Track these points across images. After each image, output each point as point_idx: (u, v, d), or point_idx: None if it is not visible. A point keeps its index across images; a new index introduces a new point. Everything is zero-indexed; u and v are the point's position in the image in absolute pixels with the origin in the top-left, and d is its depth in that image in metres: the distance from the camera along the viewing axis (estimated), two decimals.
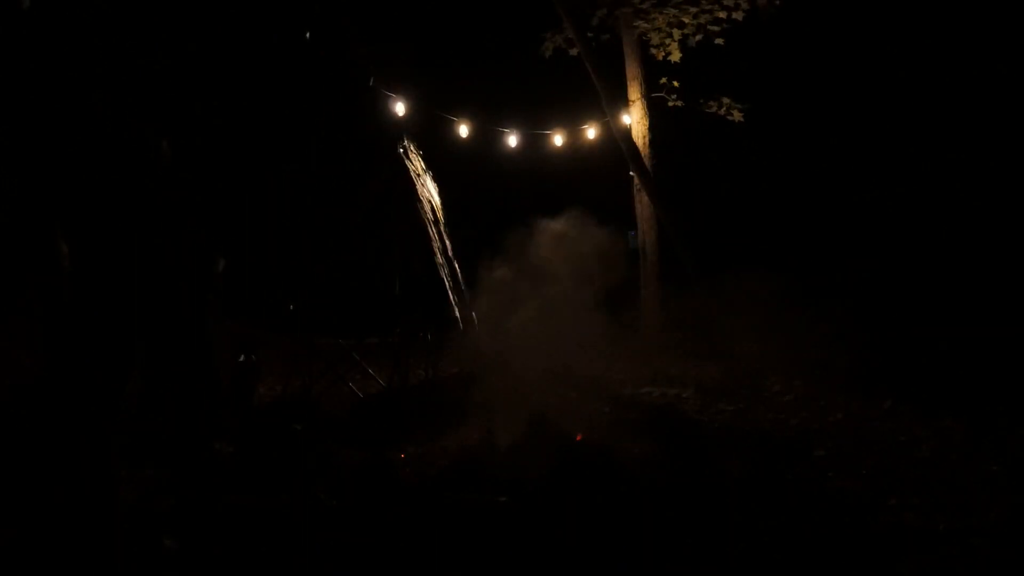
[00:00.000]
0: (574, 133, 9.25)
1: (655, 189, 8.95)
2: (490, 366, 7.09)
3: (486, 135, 8.77)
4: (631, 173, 9.18)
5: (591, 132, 9.22)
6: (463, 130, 8.50)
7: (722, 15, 8.58)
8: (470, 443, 5.18)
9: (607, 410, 6.37)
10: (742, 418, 6.13)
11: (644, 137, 9.18)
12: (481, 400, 6.23)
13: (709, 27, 8.66)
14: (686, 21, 8.64)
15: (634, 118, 9.20)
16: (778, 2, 8.48)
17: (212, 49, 3.28)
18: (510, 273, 7.90)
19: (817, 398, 6.44)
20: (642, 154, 9.11)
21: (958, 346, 6.70)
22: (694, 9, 8.61)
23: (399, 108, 7.49)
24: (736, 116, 8.99)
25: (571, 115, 9.27)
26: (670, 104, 9.08)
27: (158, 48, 3.15)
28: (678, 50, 8.78)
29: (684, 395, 6.98)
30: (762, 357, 7.23)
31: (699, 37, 8.74)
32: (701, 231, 8.85)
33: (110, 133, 3.10)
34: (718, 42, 8.67)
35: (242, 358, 6.14)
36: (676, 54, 8.78)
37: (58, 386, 3.13)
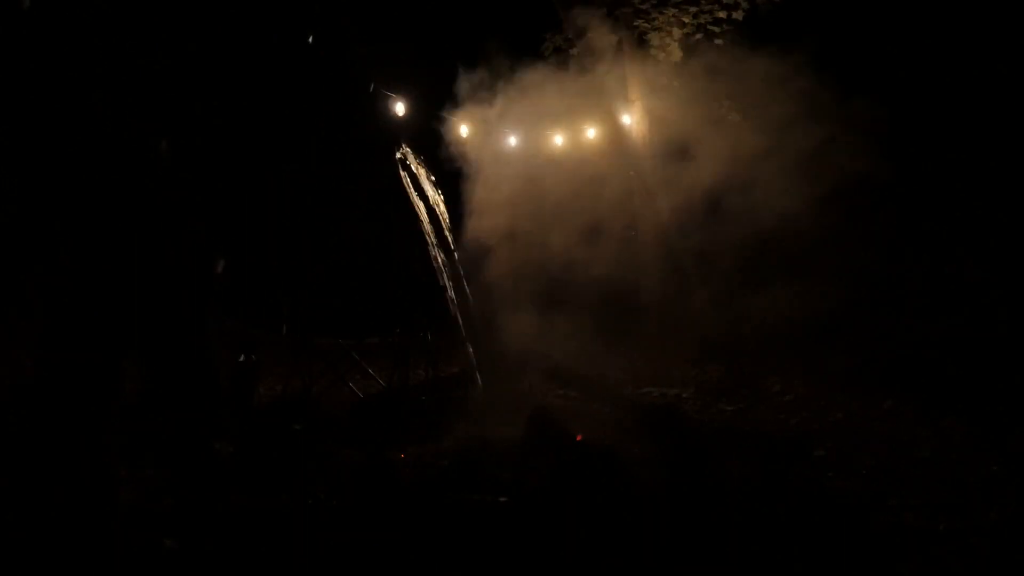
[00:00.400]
0: (574, 133, 9.24)
1: (655, 189, 8.95)
2: (490, 366, 7.11)
3: (485, 134, 8.76)
4: (631, 173, 9.19)
5: (591, 132, 9.21)
6: (463, 130, 8.50)
7: (722, 15, 8.58)
8: (470, 443, 5.18)
9: (607, 410, 6.37)
10: (742, 418, 6.13)
11: (644, 137, 9.18)
12: (481, 400, 6.24)
13: (709, 27, 8.66)
14: (686, 21, 8.64)
15: (634, 118, 9.20)
16: (777, 1, 8.48)
17: (212, 49, 3.28)
18: (510, 273, 7.91)
19: (817, 398, 6.44)
20: (642, 154, 9.12)
21: (958, 346, 6.69)
22: (694, 9, 8.61)
23: (399, 108, 7.49)
24: (736, 117, 8.98)
25: (571, 115, 9.26)
26: (670, 104, 9.08)
27: (158, 48, 3.15)
28: (678, 50, 8.77)
29: (684, 395, 6.99)
30: (762, 357, 7.23)
31: (699, 36, 8.74)
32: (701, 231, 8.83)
33: (110, 133, 3.10)
34: (718, 42, 8.67)
35: (242, 358, 6.15)
36: (676, 54, 8.78)
37: (54, 385, 3.13)
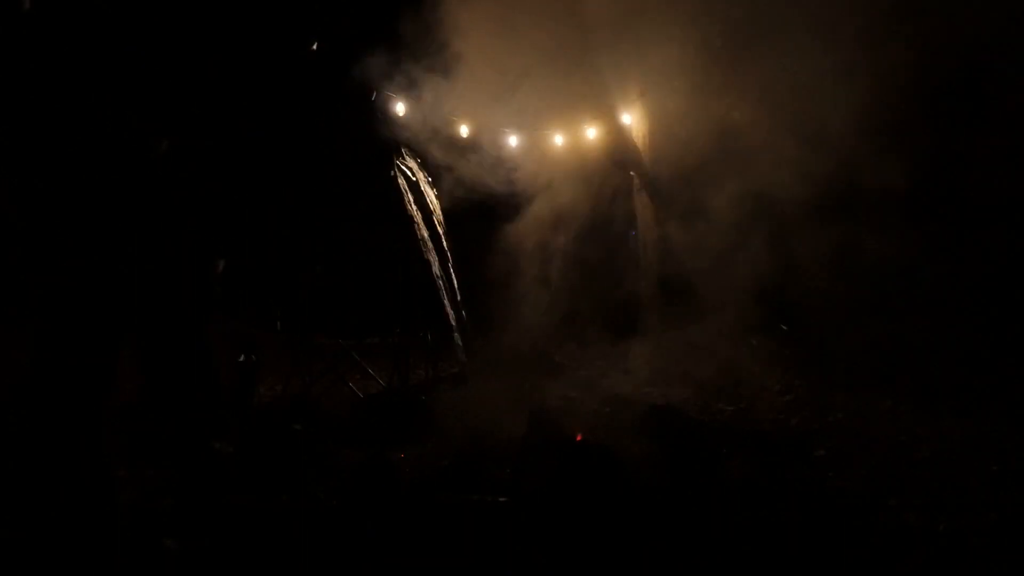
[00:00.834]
0: (574, 133, 9.25)
1: (655, 189, 8.94)
2: (490, 366, 7.11)
3: (485, 134, 8.76)
4: (631, 173, 9.19)
5: (591, 132, 9.21)
6: (463, 130, 8.50)
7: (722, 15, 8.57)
8: (470, 443, 5.18)
9: (607, 410, 6.37)
10: (742, 418, 6.13)
11: (644, 137, 9.18)
12: (481, 400, 6.24)
13: (709, 27, 8.65)
14: (686, 21, 8.63)
15: (634, 118, 9.20)
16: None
17: (213, 51, 3.28)
18: (510, 273, 7.91)
19: (817, 398, 6.44)
20: (642, 154, 9.12)
21: (959, 346, 6.70)
22: (695, 9, 8.60)
23: (399, 108, 7.49)
24: (736, 117, 8.97)
25: (571, 115, 9.26)
26: (670, 104, 9.07)
27: (160, 50, 3.15)
28: (678, 50, 8.76)
29: (684, 395, 6.98)
30: (762, 357, 7.23)
31: (699, 37, 8.73)
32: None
33: (111, 134, 3.10)
34: (717, 44, 8.66)
35: (242, 358, 6.15)
36: (676, 54, 8.77)
37: (50, 384, 3.13)
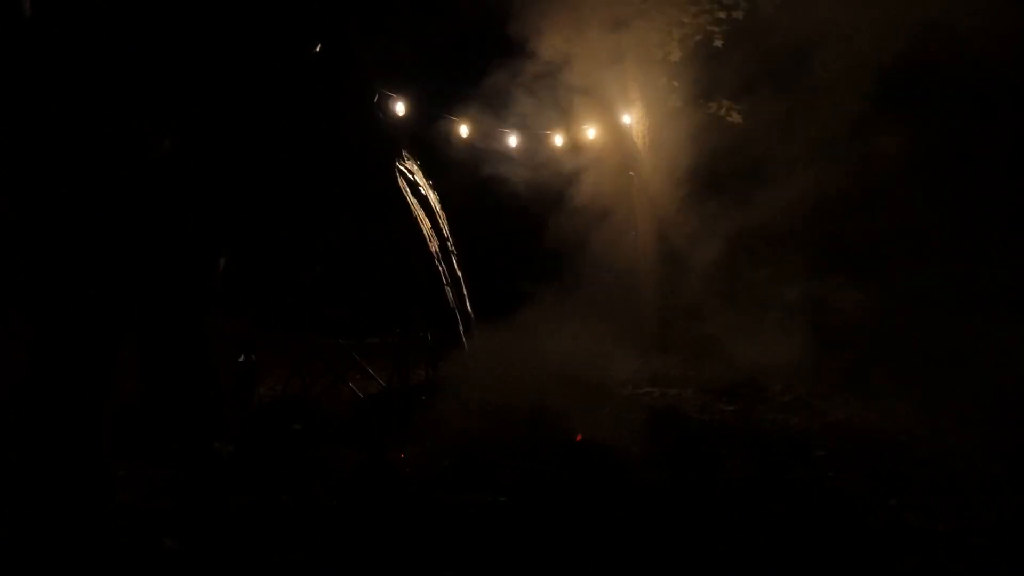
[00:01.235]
0: (574, 133, 9.25)
1: (655, 189, 8.96)
2: (490, 366, 7.10)
3: (487, 135, 8.78)
4: (631, 173, 9.20)
5: (591, 132, 9.22)
6: (463, 130, 8.51)
7: (722, 15, 8.59)
8: (470, 443, 5.17)
9: (607, 410, 6.37)
10: (742, 418, 6.13)
11: (644, 137, 9.19)
12: (481, 400, 6.23)
13: (709, 27, 8.66)
14: (686, 21, 8.64)
15: (634, 118, 9.21)
16: (778, 1, 8.48)
17: (215, 50, 3.28)
18: (510, 273, 7.91)
19: (817, 398, 6.44)
20: (642, 154, 9.13)
21: (959, 346, 6.71)
22: (694, 9, 8.62)
23: (399, 108, 7.50)
24: (735, 117, 8.99)
25: (571, 115, 9.27)
26: (670, 104, 9.09)
27: (160, 49, 3.15)
28: (678, 50, 8.78)
29: (684, 395, 6.99)
30: (762, 357, 7.23)
31: (699, 37, 8.74)
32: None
33: (111, 131, 3.10)
34: (717, 43, 8.68)
35: (242, 358, 6.15)
36: (676, 54, 8.79)
37: (49, 383, 3.13)
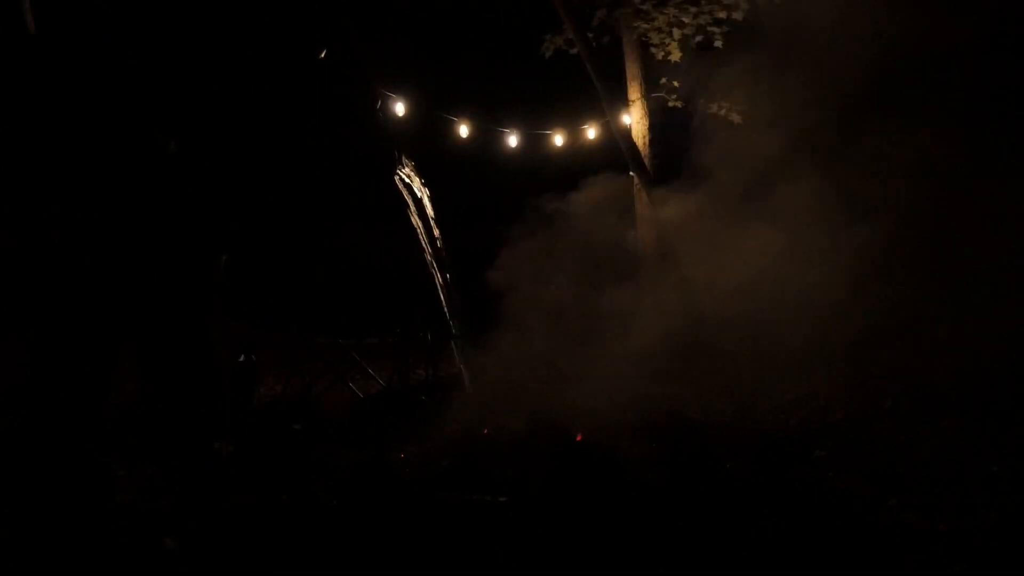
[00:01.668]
0: (574, 133, 9.26)
1: (655, 189, 8.95)
2: (490, 366, 7.10)
3: (486, 135, 8.78)
4: (631, 173, 9.19)
5: (591, 132, 9.23)
6: (463, 130, 8.51)
7: (722, 15, 8.59)
8: (470, 443, 5.17)
9: (607, 410, 6.37)
10: (742, 418, 6.13)
11: (644, 137, 9.19)
12: (481, 400, 6.24)
13: (709, 27, 8.67)
14: (686, 21, 8.65)
15: (634, 118, 9.21)
16: (778, 1, 8.48)
17: (220, 54, 3.29)
18: (510, 272, 7.91)
19: (817, 398, 6.44)
20: (642, 154, 9.13)
21: (959, 345, 6.70)
22: (694, 9, 8.63)
23: (399, 109, 7.50)
24: (735, 118, 8.99)
25: (571, 115, 9.28)
26: (670, 104, 9.09)
27: (165, 52, 3.16)
28: (678, 50, 8.79)
29: (684, 395, 6.98)
30: (762, 357, 7.22)
31: (699, 38, 8.75)
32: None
33: (113, 133, 3.10)
34: (717, 44, 8.68)
35: (242, 358, 6.15)
36: (676, 54, 8.79)
37: (50, 383, 3.13)
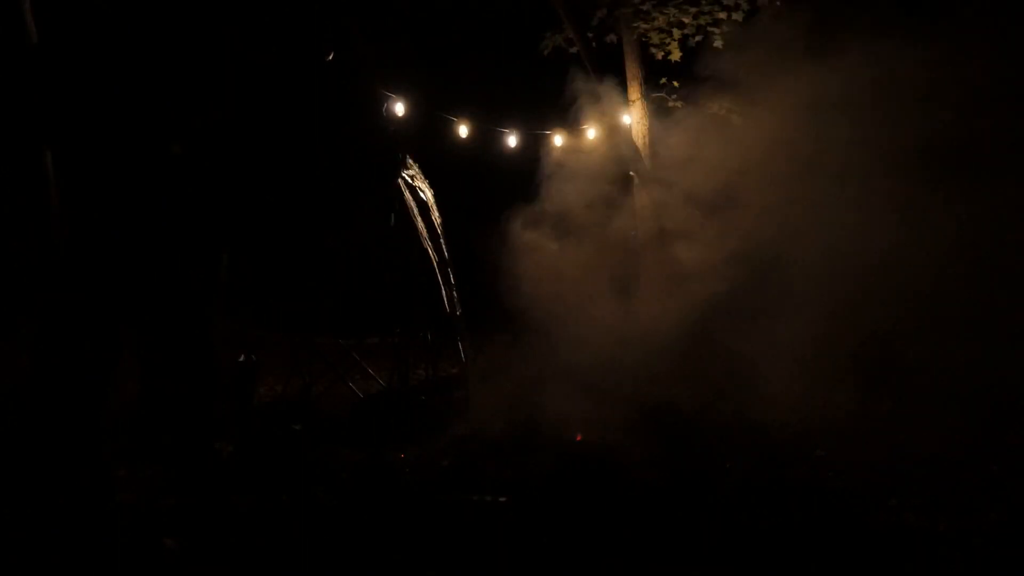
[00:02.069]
0: (574, 133, 9.25)
1: (654, 188, 8.95)
2: (490, 366, 7.10)
3: (486, 135, 8.78)
4: (631, 173, 9.19)
5: (591, 132, 9.22)
6: (463, 130, 8.50)
7: (722, 15, 8.59)
8: (470, 443, 5.18)
9: (607, 410, 6.37)
10: (742, 418, 6.12)
11: (644, 137, 9.18)
12: (481, 400, 6.23)
13: (709, 28, 8.67)
14: (686, 21, 8.65)
15: (634, 118, 9.20)
16: (779, 2, 8.48)
17: (228, 56, 3.30)
18: (510, 273, 7.91)
19: (817, 398, 6.43)
20: (642, 154, 9.12)
21: (959, 345, 6.70)
22: (694, 9, 8.62)
23: (399, 108, 7.50)
24: (736, 118, 8.97)
25: (571, 115, 9.27)
26: (670, 104, 9.09)
27: (172, 55, 3.17)
28: (678, 50, 8.78)
29: (684, 395, 6.97)
30: (762, 357, 7.22)
31: (699, 38, 8.75)
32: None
33: (119, 136, 3.12)
34: (717, 45, 8.68)
35: (242, 358, 6.15)
36: (676, 54, 8.79)
37: (50, 383, 3.14)
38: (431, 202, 7.26)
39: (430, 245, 7.06)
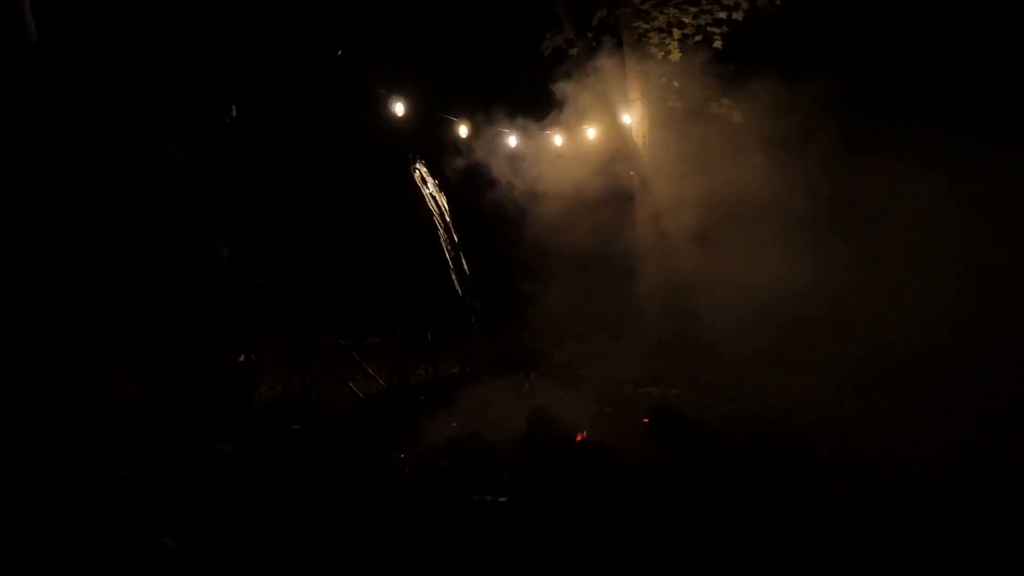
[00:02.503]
0: (574, 133, 9.25)
1: (655, 189, 8.95)
2: (491, 366, 7.11)
3: (486, 135, 8.78)
4: (631, 173, 9.20)
5: (591, 132, 9.22)
6: (463, 130, 8.50)
7: (722, 15, 8.60)
8: (470, 443, 5.17)
9: (607, 410, 6.37)
10: (742, 418, 6.13)
11: (644, 137, 9.19)
12: (481, 400, 6.24)
13: (709, 28, 8.68)
14: (686, 21, 8.66)
15: (634, 118, 9.20)
16: (778, 2, 8.50)
17: (232, 55, 3.31)
18: (511, 274, 7.91)
19: (817, 398, 6.44)
20: (642, 154, 9.13)
21: (959, 345, 6.71)
22: (694, 9, 8.64)
23: (399, 108, 7.50)
24: (736, 117, 8.98)
25: (571, 115, 9.27)
26: (670, 104, 9.09)
27: (174, 54, 3.17)
28: (678, 50, 8.79)
29: (684, 395, 6.98)
30: (762, 357, 7.23)
31: (699, 38, 8.76)
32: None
33: (119, 136, 3.12)
34: (716, 45, 8.68)
35: (242, 358, 6.15)
36: (676, 54, 8.80)
37: (50, 383, 3.14)
38: (443, 198, 7.28)
39: (445, 240, 7.07)
